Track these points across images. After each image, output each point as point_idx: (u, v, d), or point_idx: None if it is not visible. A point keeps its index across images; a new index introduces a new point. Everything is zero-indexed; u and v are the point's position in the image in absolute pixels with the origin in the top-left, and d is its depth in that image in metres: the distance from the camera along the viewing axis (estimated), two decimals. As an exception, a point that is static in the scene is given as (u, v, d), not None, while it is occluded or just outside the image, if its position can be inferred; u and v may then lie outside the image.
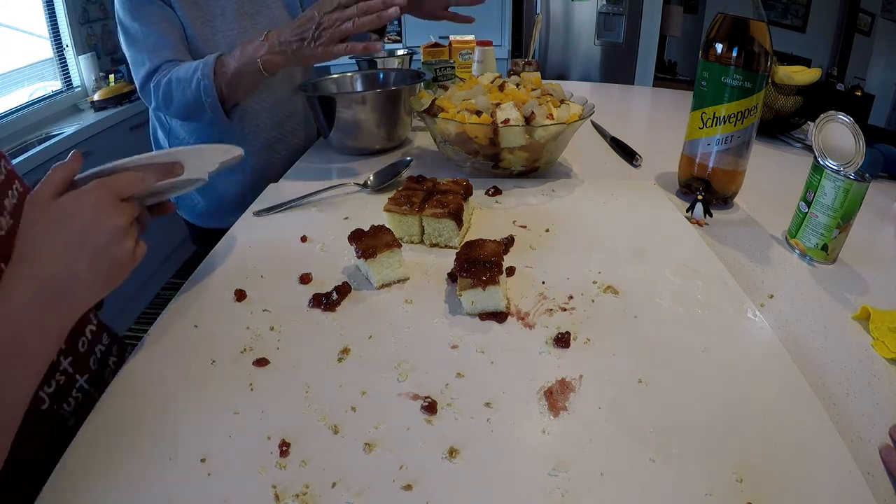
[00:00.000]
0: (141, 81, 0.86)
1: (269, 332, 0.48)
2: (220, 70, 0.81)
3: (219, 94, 0.81)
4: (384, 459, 0.36)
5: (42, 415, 0.44)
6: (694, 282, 0.54)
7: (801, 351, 0.47)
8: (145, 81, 0.86)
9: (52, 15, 2.10)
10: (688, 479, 0.34)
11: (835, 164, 0.58)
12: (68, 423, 0.47)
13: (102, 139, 1.97)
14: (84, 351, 0.50)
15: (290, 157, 1.03)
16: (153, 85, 0.85)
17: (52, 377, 0.45)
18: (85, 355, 0.50)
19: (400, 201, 0.62)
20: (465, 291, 0.48)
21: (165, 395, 0.42)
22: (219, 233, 0.68)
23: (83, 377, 0.50)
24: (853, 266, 0.60)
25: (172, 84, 0.83)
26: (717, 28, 0.67)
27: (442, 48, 1.35)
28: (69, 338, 0.44)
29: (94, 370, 0.51)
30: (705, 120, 0.70)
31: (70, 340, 0.47)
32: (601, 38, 2.94)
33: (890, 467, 0.36)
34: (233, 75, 0.81)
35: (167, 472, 0.35)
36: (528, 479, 0.34)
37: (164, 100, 0.85)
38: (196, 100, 0.82)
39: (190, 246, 1.27)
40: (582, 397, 0.40)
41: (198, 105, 0.83)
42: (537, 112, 0.74)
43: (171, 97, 0.84)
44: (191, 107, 0.84)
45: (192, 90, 0.82)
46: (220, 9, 0.91)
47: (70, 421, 0.47)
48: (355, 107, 0.92)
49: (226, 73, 0.81)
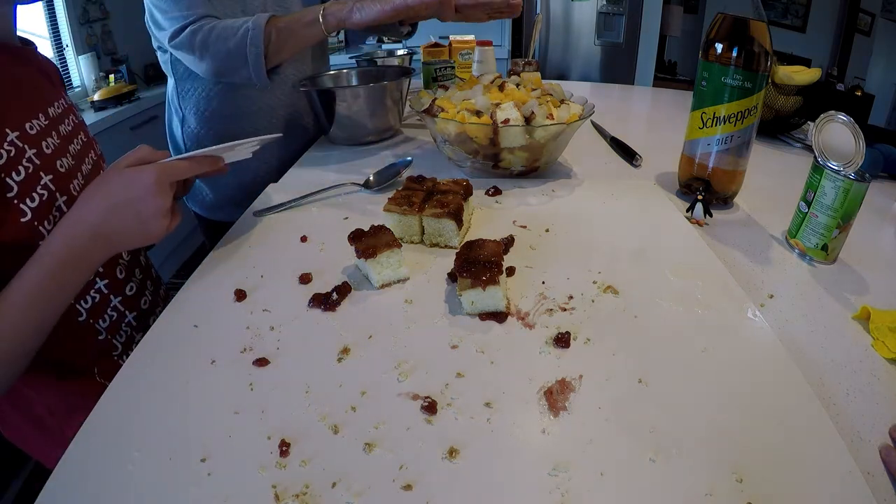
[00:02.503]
0: (173, 32, 0.83)
1: (269, 332, 0.48)
2: (273, 21, 0.79)
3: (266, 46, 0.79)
4: (384, 459, 0.36)
5: (78, 326, 0.58)
6: (694, 282, 0.54)
7: (801, 351, 0.47)
8: (178, 32, 0.82)
9: (52, 15, 2.10)
10: (688, 479, 0.34)
11: (835, 164, 0.58)
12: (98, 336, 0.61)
13: (102, 139, 1.94)
14: (122, 278, 0.65)
15: (297, 153, 1.04)
16: (190, 31, 0.81)
17: (87, 293, 0.59)
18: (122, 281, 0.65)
19: (400, 201, 0.62)
20: (465, 291, 0.48)
21: (165, 395, 0.42)
22: (226, 226, 0.69)
23: (116, 298, 0.64)
24: (853, 266, 0.60)
25: (216, 31, 0.80)
26: (717, 28, 0.67)
27: (442, 48, 1.35)
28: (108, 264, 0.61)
29: (130, 295, 0.66)
30: (705, 120, 0.70)
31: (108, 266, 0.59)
32: (601, 38, 2.95)
33: (890, 467, 0.36)
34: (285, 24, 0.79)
35: (167, 472, 0.35)
36: (528, 479, 0.34)
37: (200, 48, 0.81)
38: (238, 48, 0.79)
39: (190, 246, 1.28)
40: (582, 397, 0.40)
41: (239, 54, 0.80)
42: (537, 112, 0.74)
43: (207, 46, 0.81)
44: (232, 55, 0.80)
45: (238, 38, 0.79)
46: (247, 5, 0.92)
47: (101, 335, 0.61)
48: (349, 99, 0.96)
49: (277, 24, 0.79)
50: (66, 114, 0.62)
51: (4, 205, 0.49)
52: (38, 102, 0.57)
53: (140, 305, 0.68)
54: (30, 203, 0.52)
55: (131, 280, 0.67)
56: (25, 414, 0.60)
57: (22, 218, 0.51)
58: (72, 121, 0.62)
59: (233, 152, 0.60)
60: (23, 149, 0.52)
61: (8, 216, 0.50)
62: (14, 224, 0.50)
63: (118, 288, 0.64)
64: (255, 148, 0.62)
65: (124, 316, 0.65)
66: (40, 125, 0.56)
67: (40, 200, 0.53)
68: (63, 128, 0.60)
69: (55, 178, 0.55)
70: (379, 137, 1.03)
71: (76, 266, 0.49)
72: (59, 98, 0.61)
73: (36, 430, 0.60)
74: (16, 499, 1.29)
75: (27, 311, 0.46)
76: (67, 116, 0.62)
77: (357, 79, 1.12)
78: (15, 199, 0.50)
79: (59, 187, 0.56)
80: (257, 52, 0.79)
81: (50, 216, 0.54)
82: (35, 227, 0.52)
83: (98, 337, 0.61)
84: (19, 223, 0.50)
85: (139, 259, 0.72)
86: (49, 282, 0.47)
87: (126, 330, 0.65)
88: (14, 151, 0.51)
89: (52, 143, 0.57)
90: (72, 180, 0.58)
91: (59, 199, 0.55)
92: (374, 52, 1.60)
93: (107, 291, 0.62)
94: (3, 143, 0.50)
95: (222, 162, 0.58)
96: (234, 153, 0.60)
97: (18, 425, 0.61)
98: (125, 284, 0.66)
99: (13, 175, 0.50)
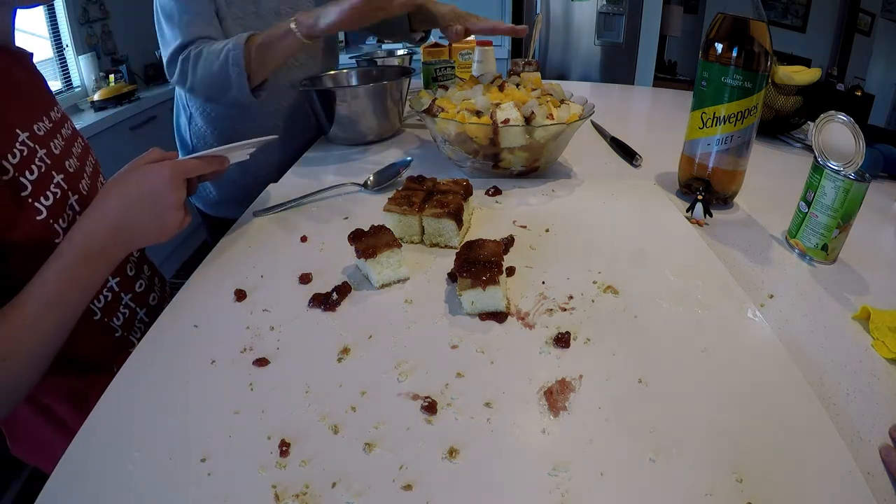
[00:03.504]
0: (170, 55, 0.86)
1: (269, 332, 0.48)
2: (252, 39, 0.81)
3: (247, 65, 0.81)
4: (384, 459, 0.36)
5: (94, 324, 0.59)
6: (694, 282, 0.54)
7: (801, 351, 0.47)
8: (175, 55, 0.85)
9: (52, 15, 2.10)
10: (688, 479, 0.34)
11: (835, 164, 0.58)
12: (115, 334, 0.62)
13: (102, 139, 1.97)
14: (132, 275, 0.66)
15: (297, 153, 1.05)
16: (182, 57, 0.85)
17: (100, 292, 0.59)
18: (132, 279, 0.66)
19: (400, 201, 0.62)
20: (465, 291, 0.48)
21: (166, 395, 0.42)
22: (229, 222, 0.70)
23: (127, 295, 0.64)
24: (853, 266, 0.60)
25: (202, 56, 0.83)
26: (717, 28, 0.67)
27: (442, 48, 1.35)
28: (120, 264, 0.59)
29: (140, 292, 0.67)
30: (705, 120, 0.70)
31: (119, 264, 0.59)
32: (601, 38, 2.94)
33: (890, 467, 0.36)
34: (263, 41, 0.81)
35: (167, 472, 0.35)
36: (528, 479, 0.34)
37: (191, 71, 0.84)
38: (222, 71, 0.82)
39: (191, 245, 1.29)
40: (582, 397, 0.40)
41: (223, 76, 0.82)
42: (537, 112, 0.74)
43: (196, 73, 0.84)
44: (217, 79, 0.83)
45: (220, 61, 0.81)
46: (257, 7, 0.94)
47: (117, 332, 0.62)
48: (349, 99, 0.96)
49: (256, 41, 0.81)
50: (64, 119, 0.62)
51: (20, 204, 0.50)
52: (40, 106, 0.58)
53: (149, 302, 0.69)
54: (44, 201, 0.52)
55: (140, 277, 0.68)
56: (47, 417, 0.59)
57: (37, 216, 0.51)
58: (69, 126, 0.63)
59: (233, 154, 0.62)
60: (34, 149, 0.53)
61: (23, 215, 0.50)
62: (30, 223, 0.50)
63: (129, 285, 0.65)
64: (252, 150, 0.65)
65: (136, 313, 0.65)
66: (46, 127, 0.56)
67: (54, 199, 0.53)
68: (64, 131, 0.61)
69: (66, 177, 0.56)
70: (379, 137, 1.03)
71: (96, 263, 0.49)
72: (55, 104, 0.62)
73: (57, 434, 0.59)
74: (16, 499, 1.29)
75: (48, 310, 0.46)
76: (66, 121, 0.63)
77: (357, 79, 1.12)
78: (30, 198, 0.51)
79: (71, 186, 0.56)
80: (239, 71, 0.81)
81: (64, 214, 0.54)
82: (50, 224, 0.52)
83: (115, 335, 0.62)
84: (35, 221, 0.51)
85: (146, 256, 0.73)
86: (69, 280, 0.47)
87: (139, 326, 0.66)
88: (26, 151, 0.51)
89: (59, 144, 0.57)
90: (80, 180, 0.59)
91: (70, 197, 0.56)
92: (374, 52, 1.60)
93: (118, 289, 0.63)
94: (15, 143, 0.50)
95: (228, 162, 0.60)
96: (235, 155, 0.63)
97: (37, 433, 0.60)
98: (135, 282, 0.66)
99: (27, 174, 0.51)
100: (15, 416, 0.59)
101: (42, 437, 0.60)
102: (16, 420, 0.60)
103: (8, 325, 0.44)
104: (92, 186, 0.62)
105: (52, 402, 0.59)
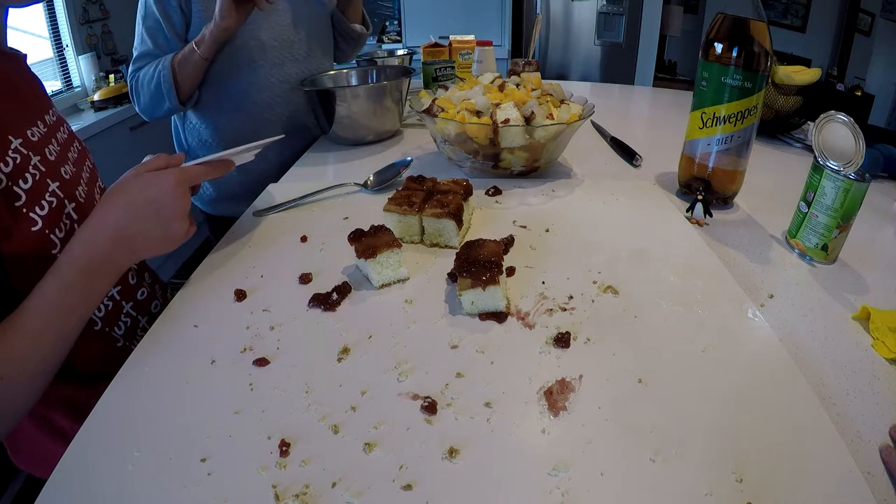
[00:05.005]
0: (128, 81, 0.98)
1: (269, 332, 0.48)
2: (175, 58, 0.92)
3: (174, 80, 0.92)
4: (384, 459, 0.36)
5: (95, 335, 0.57)
6: (694, 282, 0.54)
7: (801, 351, 0.47)
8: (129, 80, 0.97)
9: (52, 15, 2.10)
10: (688, 479, 0.34)
11: (835, 164, 0.58)
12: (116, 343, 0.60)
13: (102, 139, 1.97)
14: (133, 283, 0.64)
15: (297, 153, 1.04)
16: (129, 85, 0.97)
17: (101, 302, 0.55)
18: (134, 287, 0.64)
19: (400, 201, 0.62)
20: (465, 291, 0.48)
21: (166, 395, 0.42)
22: (229, 220, 0.70)
23: (129, 304, 0.63)
24: (853, 266, 0.60)
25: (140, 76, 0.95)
26: (717, 28, 0.67)
27: (442, 48, 1.35)
28: None
29: (141, 300, 0.65)
30: (705, 120, 0.70)
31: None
32: (601, 38, 2.94)
33: (890, 467, 0.36)
34: (180, 57, 0.92)
35: (167, 472, 0.35)
36: (528, 479, 0.34)
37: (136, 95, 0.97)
38: (157, 87, 0.93)
39: (190, 246, 1.29)
40: (582, 397, 0.40)
41: (158, 91, 0.93)
42: (537, 112, 0.74)
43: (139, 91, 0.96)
44: (154, 94, 0.94)
45: (155, 79, 0.92)
46: None
47: (119, 342, 0.60)
48: (349, 99, 0.97)
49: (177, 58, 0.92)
50: (60, 122, 0.61)
51: (13, 214, 0.48)
52: (33, 110, 0.56)
53: (151, 310, 0.67)
54: (39, 211, 0.50)
55: (142, 285, 0.66)
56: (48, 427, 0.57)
57: (32, 227, 0.49)
58: (66, 129, 0.61)
59: (240, 156, 0.62)
60: (28, 156, 0.50)
61: (17, 226, 0.48)
62: (24, 234, 0.48)
63: (131, 294, 0.63)
64: (258, 150, 0.65)
65: (138, 321, 0.64)
66: (40, 132, 0.54)
67: (49, 208, 0.51)
68: (60, 135, 0.59)
69: (62, 185, 0.54)
70: (379, 137, 1.03)
71: (98, 274, 0.47)
72: (51, 106, 0.60)
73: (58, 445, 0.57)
74: (16, 499, 1.29)
75: (48, 325, 0.44)
76: (62, 125, 0.61)
77: (357, 79, 1.12)
78: (24, 208, 0.48)
79: (67, 194, 0.54)
80: (168, 86, 0.93)
81: (60, 223, 0.52)
82: (46, 235, 0.50)
83: (116, 344, 0.60)
84: (30, 232, 0.49)
85: (147, 264, 0.71)
86: (70, 291, 0.45)
87: (141, 335, 0.64)
88: (19, 159, 0.49)
89: (54, 150, 0.55)
90: (76, 187, 0.57)
91: (67, 206, 0.54)
92: (374, 52, 1.60)
93: (119, 298, 0.61)
94: (7, 151, 0.48)
95: (233, 166, 0.59)
96: (240, 157, 0.62)
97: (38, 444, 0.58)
98: (137, 290, 0.65)
99: (20, 183, 0.48)
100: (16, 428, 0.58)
101: (43, 447, 0.58)
102: (16, 431, 0.57)
103: (7, 343, 0.42)
104: (89, 193, 0.60)
105: (53, 412, 0.57)
